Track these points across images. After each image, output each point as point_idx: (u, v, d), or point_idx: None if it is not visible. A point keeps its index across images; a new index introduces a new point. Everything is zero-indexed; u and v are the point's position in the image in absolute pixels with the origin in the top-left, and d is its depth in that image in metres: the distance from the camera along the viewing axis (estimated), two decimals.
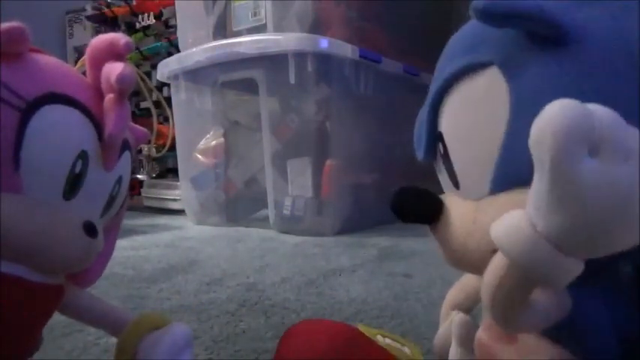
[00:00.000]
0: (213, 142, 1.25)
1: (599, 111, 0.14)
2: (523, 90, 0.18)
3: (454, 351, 0.24)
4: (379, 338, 0.27)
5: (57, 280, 0.26)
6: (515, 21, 0.18)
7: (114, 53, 0.25)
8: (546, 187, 0.14)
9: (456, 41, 0.23)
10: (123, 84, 0.24)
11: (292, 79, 1.02)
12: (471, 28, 0.22)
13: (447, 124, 0.22)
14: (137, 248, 0.89)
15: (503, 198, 0.19)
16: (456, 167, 0.22)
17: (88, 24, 2.06)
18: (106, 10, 1.86)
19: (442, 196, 0.23)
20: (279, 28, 1.06)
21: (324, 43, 1.00)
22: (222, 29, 1.17)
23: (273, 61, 1.04)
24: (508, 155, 0.18)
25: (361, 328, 0.28)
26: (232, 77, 1.15)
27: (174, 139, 1.38)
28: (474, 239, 0.20)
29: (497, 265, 0.16)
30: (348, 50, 1.03)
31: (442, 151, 0.23)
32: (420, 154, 0.25)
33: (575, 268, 0.15)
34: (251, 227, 1.16)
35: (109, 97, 0.25)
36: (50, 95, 0.23)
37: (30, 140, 0.22)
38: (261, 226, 1.14)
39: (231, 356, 0.40)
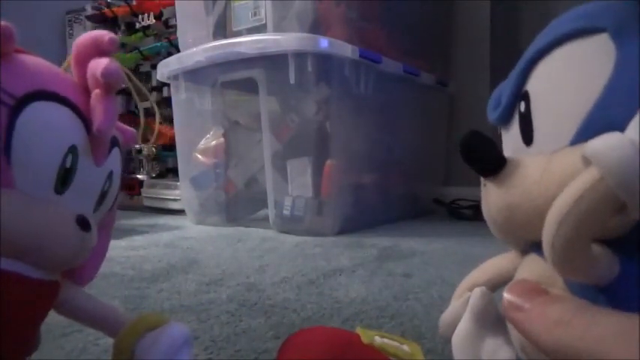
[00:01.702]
0: (213, 142, 1.25)
1: None
2: (631, 58, 0.18)
3: (463, 327, 0.23)
4: (377, 339, 0.27)
5: (52, 276, 0.26)
6: None
7: (99, 50, 0.25)
8: None
9: (565, 15, 0.22)
10: (108, 78, 0.24)
11: (292, 79, 1.02)
12: (585, 5, 0.22)
13: (538, 81, 0.22)
14: (137, 248, 0.89)
15: (583, 148, 0.18)
16: (537, 121, 0.21)
17: (88, 24, 2.05)
18: (106, 10, 1.86)
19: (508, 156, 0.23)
20: (279, 28, 1.06)
21: (324, 43, 1.00)
22: (222, 29, 1.17)
23: (273, 61, 1.04)
24: (601, 111, 0.18)
25: (359, 330, 0.28)
26: (232, 77, 1.15)
27: (173, 138, 1.38)
28: (542, 186, 0.19)
29: (582, 179, 0.16)
30: (348, 50, 1.04)
31: (523, 109, 0.22)
32: (494, 115, 0.24)
33: None
34: (251, 227, 1.16)
35: (96, 93, 0.25)
36: (39, 92, 0.24)
37: (20, 136, 0.22)
38: (261, 226, 1.14)
39: (231, 356, 0.40)
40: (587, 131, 0.19)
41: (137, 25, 1.73)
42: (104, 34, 0.25)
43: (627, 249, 0.17)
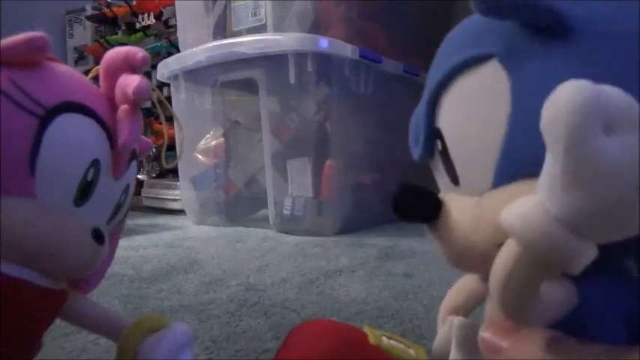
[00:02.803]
0: (213, 142, 1.25)
1: (610, 90, 0.14)
2: (525, 81, 0.18)
3: (454, 355, 0.24)
4: (384, 340, 0.28)
5: (61, 285, 0.26)
6: (516, 13, 0.17)
7: (130, 66, 0.26)
8: (561, 168, 0.14)
9: (454, 37, 0.22)
10: (139, 96, 0.25)
11: (292, 79, 1.02)
12: (468, 24, 0.22)
13: (445, 120, 0.22)
14: (137, 248, 0.89)
15: (509, 190, 0.18)
16: (456, 163, 0.21)
17: (88, 24, 2.06)
18: (106, 10, 1.86)
19: (442, 195, 0.23)
20: (279, 28, 1.06)
21: (324, 43, 1.00)
22: (222, 29, 1.17)
23: (273, 61, 1.04)
24: (511, 147, 0.18)
25: (367, 329, 0.28)
26: (232, 77, 1.15)
27: (173, 138, 1.38)
28: (478, 233, 0.19)
29: (508, 253, 0.16)
30: (348, 50, 1.03)
31: (440, 148, 0.22)
32: (416, 153, 0.24)
33: (590, 251, 0.15)
34: (251, 227, 1.16)
35: (124, 108, 0.25)
36: (67, 104, 0.24)
37: (46, 147, 0.22)
38: (261, 226, 1.14)
39: (231, 356, 0.40)
40: (504, 173, 0.19)
41: (137, 25, 1.73)
42: (137, 51, 0.26)
43: (584, 272, 0.17)
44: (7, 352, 0.23)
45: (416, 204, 0.22)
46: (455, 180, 0.22)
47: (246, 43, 1.04)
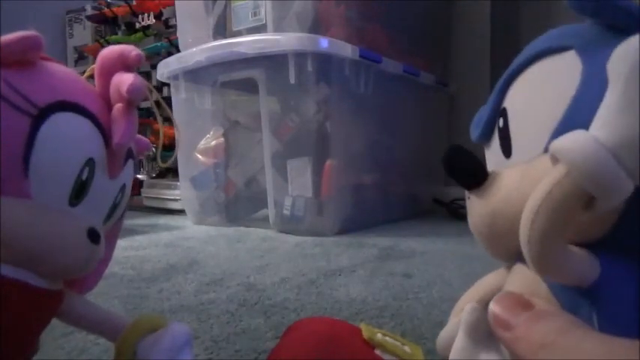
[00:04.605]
0: (213, 142, 1.25)
1: None
2: (596, 66, 0.19)
3: (458, 345, 0.24)
4: (379, 337, 0.27)
5: (57, 285, 0.26)
6: (604, 10, 0.19)
7: (124, 64, 0.26)
8: (616, 96, 0.16)
9: (537, 39, 0.24)
10: (133, 94, 0.24)
11: (292, 79, 1.02)
12: (551, 31, 0.23)
13: (514, 97, 0.23)
14: (137, 248, 0.89)
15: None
16: (514, 132, 0.23)
17: (88, 24, 2.06)
18: (106, 10, 1.86)
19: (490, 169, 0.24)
20: (279, 28, 1.06)
21: (324, 43, 1.00)
22: (222, 29, 1.17)
23: (273, 61, 1.04)
24: (572, 116, 0.19)
25: (363, 327, 0.28)
26: (232, 77, 1.15)
27: (173, 138, 1.38)
28: (521, 191, 0.20)
29: (552, 175, 0.16)
30: (348, 50, 1.03)
31: (501, 125, 0.24)
32: (476, 133, 0.26)
33: (627, 186, 0.16)
34: (251, 227, 1.16)
35: (118, 107, 0.25)
36: (61, 103, 0.24)
37: (40, 146, 0.22)
38: (261, 226, 1.14)
39: (231, 356, 0.40)
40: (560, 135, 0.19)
41: (137, 25, 1.73)
42: (131, 49, 0.26)
43: (608, 252, 0.18)
44: (3, 353, 0.23)
45: (467, 164, 0.23)
46: (508, 153, 0.23)
47: (246, 43, 1.04)
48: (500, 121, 0.24)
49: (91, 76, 0.28)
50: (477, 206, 0.23)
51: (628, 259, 0.18)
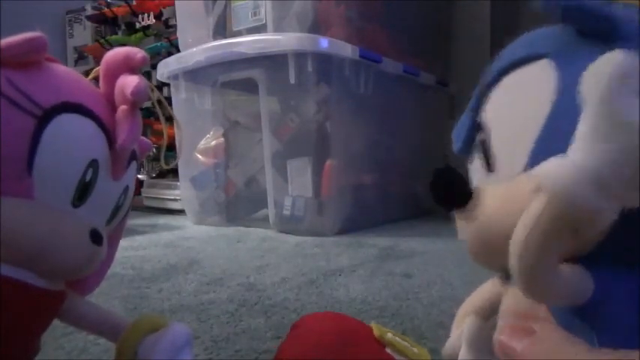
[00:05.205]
0: (213, 142, 1.25)
1: None
2: (571, 76, 0.19)
3: (464, 354, 0.24)
4: (389, 336, 0.28)
5: (58, 286, 0.26)
6: (577, 15, 0.19)
7: (129, 66, 0.26)
8: (592, 122, 0.16)
9: (510, 46, 0.24)
10: (138, 97, 0.25)
11: (292, 79, 1.02)
12: (524, 36, 0.23)
13: (491, 111, 0.23)
14: (137, 248, 0.89)
15: (536, 175, 0.19)
16: (495, 149, 0.22)
17: (88, 24, 2.06)
18: (106, 10, 1.86)
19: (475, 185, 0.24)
20: (279, 28, 1.06)
21: (324, 43, 1.00)
22: (222, 29, 1.17)
23: (273, 61, 1.04)
24: (549, 132, 0.19)
25: (373, 325, 0.28)
26: (232, 77, 1.15)
27: (173, 138, 1.38)
28: (506, 212, 0.20)
29: (535, 205, 0.17)
30: (348, 50, 1.03)
31: (480, 139, 0.23)
32: (457, 146, 0.26)
33: (610, 211, 0.16)
34: (251, 227, 1.16)
35: (122, 109, 0.25)
36: (66, 104, 0.24)
37: (44, 147, 0.22)
38: (261, 226, 1.14)
39: (231, 356, 0.40)
40: (539, 156, 0.19)
41: (137, 25, 1.73)
42: (136, 52, 0.26)
43: (601, 264, 0.18)
44: (5, 353, 0.23)
45: (451, 187, 0.23)
46: (490, 168, 0.23)
47: (246, 43, 1.04)
48: (480, 136, 0.23)
49: (96, 78, 0.28)
50: (465, 227, 0.23)
51: (622, 271, 0.18)
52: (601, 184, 0.16)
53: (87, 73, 0.29)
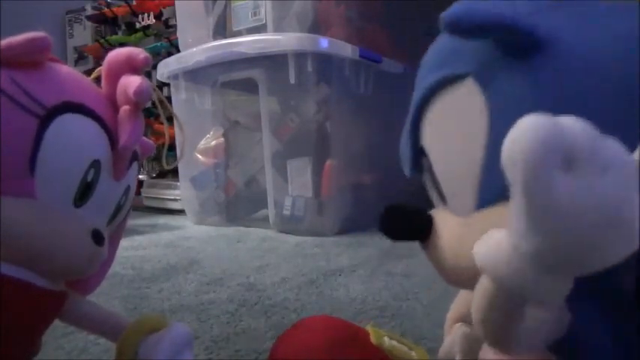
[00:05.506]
0: (213, 142, 1.25)
1: (569, 125, 0.14)
2: (499, 100, 0.18)
3: None
4: (386, 340, 0.28)
5: (59, 286, 0.26)
6: (486, 32, 0.17)
7: (131, 67, 0.26)
8: (522, 207, 0.14)
9: (433, 53, 0.22)
10: (140, 97, 0.25)
11: (292, 79, 1.02)
12: (446, 40, 0.21)
13: (428, 138, 0.22)
14: (137, 248, 0.89)
15: (489, 214, 0.18)
16: (442, 182, 0.21)
17: (88, 24, 2.05)
18: (106, 10, 1.86)
19: (433, 212, 0.23)
20: (279, 28, 1.06)
21: (324, 43, 1.00)
22: (222, 29, 1.17)
23: (273, 61, 1.04)
24: (490, 169, 0.18)
25: (370, 328, 0.28)
26: (232, 77, 1.15)
27: (173, 138, 1.38)
28: (464, 255, 0.19)
29: (485, 287, 0.16)
30: (348, 50, 1.03)
31: (427, 166, 0.22)
32: (406, 170, 0.24)
33: (563, 286, 0.15)
34: (251, 227, 1.16)
35: (125, 109, 0.25)
36: (68, 104, 0.24)
37: (46, 147, 0.23)
38: (261, 226, 1.14)
39: (231, 356, 0.40)
40: (485, 196, 0.19)
41: (137, 25, 1.73)
42: (139, 52, 0.26)
43: (577, 299, 0.17)
44: (6, 352, 0.23)
45: (405, 225, 0.22)
46: (443, 200, 0.22)
47: (246, 43, 1.04)
48: (426, 162, 0.22)
49: (98, 78, 0.28)
50: (431, 261, 0.22)
51: (599, 304, 0.17)
52: (547, 266, 0.14)
53: (87, 73, 0.29)
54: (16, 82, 0.22)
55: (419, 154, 0.23)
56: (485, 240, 0.16)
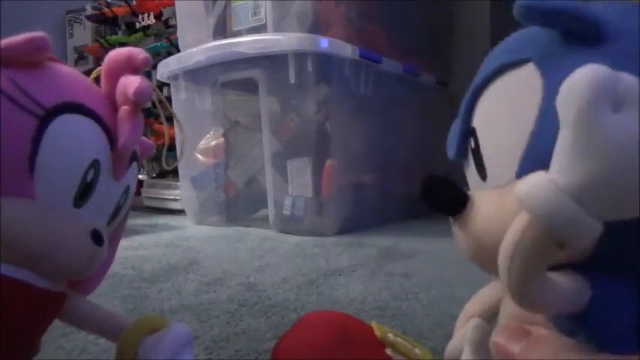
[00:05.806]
0: (213, 142, 1.25)
1: (625, 76, 0.15)
2: (557, 81, 0.18)
3: (467, 354, 0.24)
4: (390, 336, 0.28)
5: (60, 286, 0.26)
6: (553, 19, 0.18)
7: (131, 66, 0.26)
8: (570, 140, 0.15)
9: (497, 48, 0.23)
10: (140, 98, 0.25)
11: (292, 79, 1.02)
12: (509, 37, 0.23)
13: (480, 117, 0.23)
14: (137, 248, 0.89)
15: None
16: (486, 157, 0.22)
17: (88, 24, 2.05)
18: (106, 10, 1.86)
19: (468, 192, 0.23)
20: (279, 28, 1.06)
21: (324, 43, 1.00)
22: (222, 29, 1.17)
23: (273, 61, 1.04)
24: (538, 139, 0.19)
25: (374, 325, 0.28)
26: (232, 77, 1.15)
27: (173, 138, 1.38)
28: (499, 221, 0.20)
29: (519, 222, 0.16)
30: (348, 50, 1.03)
31: (473, 146, 0.23)
32: (451, 152, 0.25)
33: (594, 228, 0.15)
34: (251, 227, 1.16)
35: (124, 109, 0.25)
36: (67, 104, 0.24)
37: (46, 147, 0.22)
38: (261, 226, 1.14)
39: (231, 356, 0.40)
40: (528, 164, 0.19)
41: (137, 25, 1.73)
42: (138, 52, 0.26)
43: (598, 270, 0.18)
44: (5, 353, 0.23)
45: (444, 193, 0.23)
46: (483, 175, 0.22)
47: (246, 43, 1.04)
48: (472, 142, 0.23)
49: (97, 78, 0.28)
50: (460, 234, 0.23)
51: (619, 275, 0.18)
52: (582, 203, 0.15)
53: (87, 73, 0.29)
54: (16, 82, 0.22)
55: (467, 135, 0.24)
56: (528, 178, 0.17)
